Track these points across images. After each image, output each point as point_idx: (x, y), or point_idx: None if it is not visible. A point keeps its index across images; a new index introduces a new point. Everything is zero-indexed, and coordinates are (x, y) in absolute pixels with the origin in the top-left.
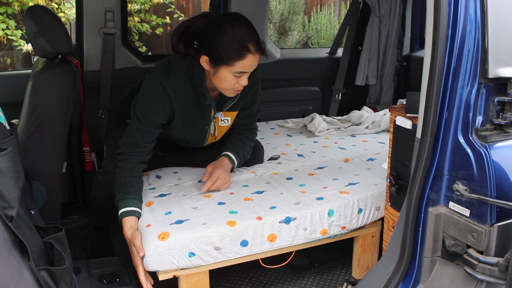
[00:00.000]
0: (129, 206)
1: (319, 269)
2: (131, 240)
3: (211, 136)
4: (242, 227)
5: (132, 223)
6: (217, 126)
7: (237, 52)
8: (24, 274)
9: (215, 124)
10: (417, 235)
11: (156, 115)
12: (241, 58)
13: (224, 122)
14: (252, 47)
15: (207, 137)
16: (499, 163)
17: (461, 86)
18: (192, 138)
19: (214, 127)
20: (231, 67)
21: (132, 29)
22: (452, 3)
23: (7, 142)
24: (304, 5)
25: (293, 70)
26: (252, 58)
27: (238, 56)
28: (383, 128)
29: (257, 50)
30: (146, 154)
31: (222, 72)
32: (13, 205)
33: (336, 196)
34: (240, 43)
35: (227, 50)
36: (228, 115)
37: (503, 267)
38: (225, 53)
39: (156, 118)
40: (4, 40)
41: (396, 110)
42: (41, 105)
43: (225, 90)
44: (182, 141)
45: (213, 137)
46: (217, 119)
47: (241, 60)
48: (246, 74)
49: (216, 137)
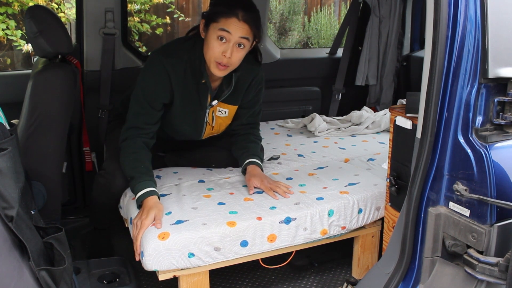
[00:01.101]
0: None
1: (319, 269)
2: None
3: (208, 125)
4: (242, 228)
5: (156, 199)
6: (214, 116)
7: (224, 10)
8: (24, 274)
9: (213, 114)
10: (417, 235)
11: (156, 95)
12: (226, 16)
13: (221, 113)
14: (241, 14)
15: (204, 126)
16: (499, 163)
17: (461, 86)
18: (189, 127)
19: (211, 117)
20: (216, 23)
21: (132, 29)
22: (452, 3)
23: (7, 142)
24: (304, 5)
25: (293, 70)
26: (236, 22)
27: (223, 13)
28: (383, 128)
29: (244, 19)
30: (149, 137)
31: (210, 34)
32: (13, 205)
33: (336, 196)
34: (230, 6)
35: (217, 8)
36: (226, 107)
37: (503, 267)
38: (216, 10)
39: (156, 98)
40: (4, 40)
41: (396, 110)
42: (41, 105)
43: (211, 61)
44: (181, 133)
45: (210, 127)
46: (214, 108)
47: (225, 18)
48: (230, 43)
49: (213, 126)
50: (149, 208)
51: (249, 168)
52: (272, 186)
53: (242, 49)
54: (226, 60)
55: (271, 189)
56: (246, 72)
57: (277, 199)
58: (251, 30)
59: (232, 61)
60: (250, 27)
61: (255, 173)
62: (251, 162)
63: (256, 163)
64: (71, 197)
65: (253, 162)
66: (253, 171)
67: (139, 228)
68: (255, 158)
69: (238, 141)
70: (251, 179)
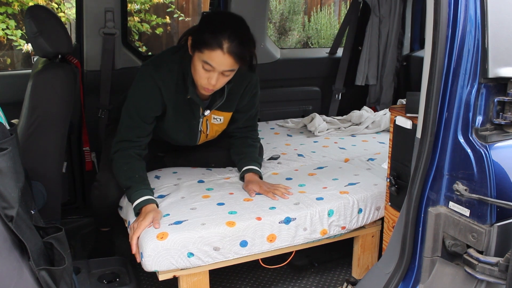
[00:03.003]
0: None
1: (319, 269)
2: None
3: (203, 133)
4: (242, 228)
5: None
6: (209, 124)
7: (209, 41)
8: (24, 274)
9: (207, 122)
10: (417, 235)
11: (148, 110)
12: (211, 48)
13: (216, 120)
14: (226, 46)
15: (198, 134)
16: (499, 163)
17: (461, 86)
18: (184, 135)
19: (205, 125)
20: (201, 54)
21: (132, 29)
22: (452, 3)
23: (7, 142)
24: (304, 5)
25: (293, 70)
26: (220, 55)
27: (208, 46)
28: (383, 128)
29: (229, 51)
30: (142, 149)
31: (195, 59)
32: (13, 205)
33: (336, 196)
34: (216, 35)
35: (204, 36)
36: (221, 114)
37: (503, 267)
38: (202, 38)
39: (148, 113)
40: (4, 40)
41: (396, 110)
42: (41, 105)
43: (197, 83)
44: (175, 141)
45: (204, 135)
46: (208, 116)
47: (210, 50)
48: (215, 72)
49: (207, 134)
50: (148, 211)
51: (247, 177)
52: (271, 189)
53: (228, 76)
54: (212, 86)
55: (270, 192)
56: (239, 80)
57: (276, 199)
58: (237, 62)
59: (217, 86)
60: (236, 59)
61: (253, 180)
62: (249, 170)
63: (254, 170)
64: (71, 197)
65: (251, 170)
66: (251, 179)
67: (136, 229)
68: (253, 165)
69: (235, 145)
70: (249, 185)
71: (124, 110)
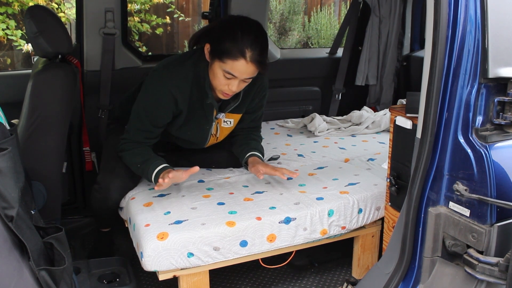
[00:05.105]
0: (162, 164)
1: (319, 269)
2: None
3: (213, 137)
4: (242, 227)
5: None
6: (219, 127)
7: (232, 51)
8: (24, 274)
9: (217, 125)
10: (417, 235)
11: (159, 117)
12: (234, 58)
13: (226, 124)
14: (249, 54)
15: (208, 137)
16: (499, 163)
17: (461, 86)
18: (193, 137)
19: (216, 128)
20: (223, 63)
21: (132, 29)
22: (452, 3)
23: (7, 142)
24: (304, 5)
25: (293, 70)
26: (244, 64)
27: (231, 55)
28: (383, 128)
29: (252, 60)
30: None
31: (215, 66)
32: (13, 205)
33: (336, 196)
34: (239, 45)
35: (226, 45)
36: (231, 117)
37: (503, 267)
38: (222, 48)
39: (159, 120)
40: (4, 40)
41: (396, 110)
42: (41, 105)
43: (216, 88)
44: (184, 141)
45: (214, 138)
46: (219, 120)
47: (233, 60)
48: (236, 80)
49: (217, 138)
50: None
51: (251, 159)
52: (278, 168)
53: (248, 81)
54: (232, 92)
55: (278, 170)
56: (251, 82)
57: (285, 178)
58: (258, 68)
59: (237, 91)
60: (258, 67)
61: (258, 161)
62: (252, 154)
63: (257, 156)
64: (71, 197)
65: (254, 155)
66: (254, 161)
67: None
68: (255, 152)
69: (238, 140)
70: (255, 165)
71: (134, 113)
